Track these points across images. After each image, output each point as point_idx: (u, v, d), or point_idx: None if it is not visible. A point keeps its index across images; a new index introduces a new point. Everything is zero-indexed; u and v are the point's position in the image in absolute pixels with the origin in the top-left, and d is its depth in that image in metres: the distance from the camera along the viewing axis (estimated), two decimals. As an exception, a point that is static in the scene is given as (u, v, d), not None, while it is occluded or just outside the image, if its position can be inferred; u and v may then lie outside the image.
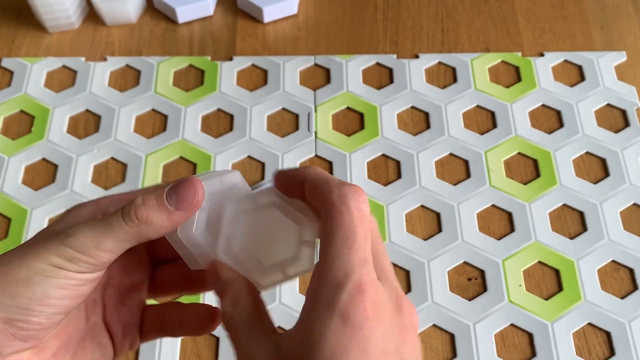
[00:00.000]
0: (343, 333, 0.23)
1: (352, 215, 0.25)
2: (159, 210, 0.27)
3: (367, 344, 0.23)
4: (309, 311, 0.24)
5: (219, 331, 0.48)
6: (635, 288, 0.50)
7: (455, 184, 0.56)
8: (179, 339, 0.48)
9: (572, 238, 0.53)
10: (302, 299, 0.46)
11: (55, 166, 0.57)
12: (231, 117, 0.60)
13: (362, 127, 0.59)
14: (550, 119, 0.60)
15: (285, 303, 0.50)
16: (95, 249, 0.26)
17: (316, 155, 0.57)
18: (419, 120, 0.60)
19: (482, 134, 0.59)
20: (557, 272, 0.51)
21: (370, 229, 0.26)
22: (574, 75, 0.63)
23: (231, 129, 0.59)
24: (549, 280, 0.51)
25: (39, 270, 0.25)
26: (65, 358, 0.28)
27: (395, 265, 0.51)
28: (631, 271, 0.51)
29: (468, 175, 0.56)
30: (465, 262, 0.52)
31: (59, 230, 0.26)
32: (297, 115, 0.60)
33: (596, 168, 0.57)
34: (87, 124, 0.60)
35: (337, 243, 0.25)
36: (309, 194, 0.27)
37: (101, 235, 0.26)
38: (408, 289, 0.50)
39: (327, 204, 0.25)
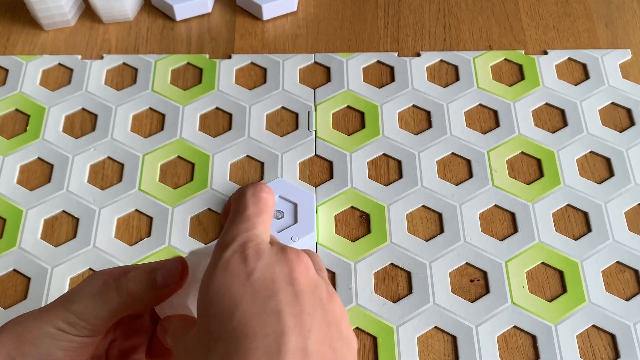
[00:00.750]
0: (225, 275, 0.27)
1: (246, 200, 0.30)
2: (147, 287, 0.31)
3: (249, 275, 0.27)
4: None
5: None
6: (640, 290, 0.51)
7: (457, 184, 0.56)
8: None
9: (576, 239, 0.53)
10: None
11: (51, 166, 0.57)
12: (230, 116, 0.60)
13: (362, 126, 0.59)
14: (554, 117, 0.60)
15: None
16: (92, 317, 0.30)
17: (316, 155, 0.57)
18: (420, 119, 0.60)
19: (484, 133, 0.59)
20: (561, 274, 0.51)
21: (268, 212, 0.30)
22: (578, 73, 0.63)
23: (230, 128, 0.59)
24: (553, 282, 0.51)
25: (47, 333, 0.30)
26: None
27: (396, 267, 0.51)
28: (636, 272, 0.51)
29: (470, 175, 0.56)
30: (467, 264, 0.52)
31: (69, 296, 0.31)
32: (296, 114, 0.60)
33: (601, 168, 0.57)
34: (83, 123, 0.60)
35: (229, 221, 0.30)
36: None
37: (98, 305, 0.30)
38: (409, 290, 0.50)
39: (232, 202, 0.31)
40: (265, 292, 0.26)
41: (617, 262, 0.52)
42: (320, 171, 0.57)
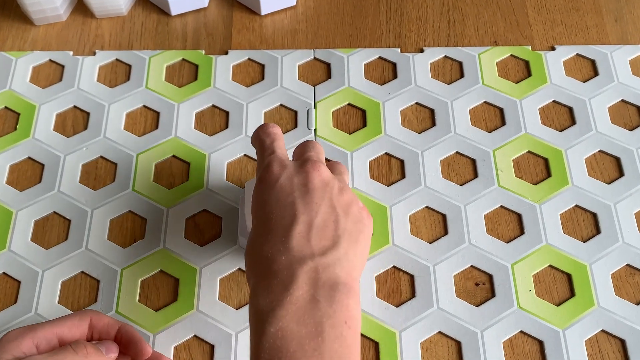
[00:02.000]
0: (260, 187, 0.43)
1: (260, 136, 0.46)
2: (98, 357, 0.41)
3: (275, 183, 0.42)
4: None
5: (214, 338, 0.48)
6: (651, 293, 0.51)
7: (462, 184, 0.56)
8: (171, 347, 0.48)
9: (584, 241, 0.53)
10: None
11: (42, 166, 0.57)
12: (226, 113, 0.60)
13: (364, 124, 0.59)
14: (562, 115, 0.60)
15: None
16: None
17: (316, 154, 0.57)
18: (424, 117, 0.60)
19: (490, 131, 0.59)
20: (569, 277, 0.51)
21: (279, 138, 0.46)
22: (587, 69, 0.63)
23: (226, 126, 0.59)
24: (561, 285, 0.51)
25: None
26: None
27: (399, 270, 0.52)
28: (647, 276, 0.51)
29: (475, 175, 0.56)
30: (472, 266, 0.52)
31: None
32: (295, 112, 0.60)
33: (610, 167, 0.57)
34: (75, 121, 0.60)
35: (257, 156, 0.46)
36: None
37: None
38: (412, 294, 0.50)
39: None
40: (285, 193, 0.41)
41: (627, 265, 0.52)
42: (320, 171, 0.57)
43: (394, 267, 0.52)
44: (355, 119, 0.60)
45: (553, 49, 0.64)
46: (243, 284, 0.51)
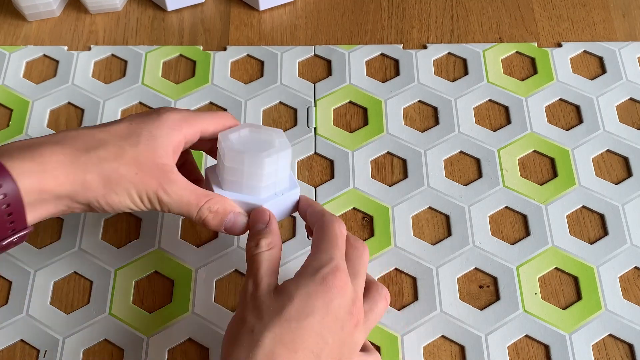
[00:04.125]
0: (318, 288, 0.39)
1: (337, 231, 0.43)
2: (217, 223, 0.44)
3: (330, 302, 0.39)
4: (297, 275, 0.41)
5: (210, 341, 0.48)
6: (660, 297, 0.50)
7: (465, 185, 0.56)
8: (166, 350, 0.48)
9: (591, 243, 0.53)
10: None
11: (34, 164, 0.57)
12: (224, 111, 0.60)
13: (365, 122, 0.59)
14: (569, 114, 0.60)
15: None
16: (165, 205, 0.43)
17: (316, 153, 0.57)
18: (427, 116, 0.60)
19: (495, 130, 0.59)
20: (575, 280, 0.51)
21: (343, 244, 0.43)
22: (594, 67, 0.63)
23: (224, 124, 0.59)
24: (567, 288, 0.51)
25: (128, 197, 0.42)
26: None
27: (401, 272, 0.51)
28: (656, 278, 0.51)
29: (480, 175, 0.56)
30: (476, 269, 0.52)
31: (168, 183, 0.42)
32: (295, 110, 0.60)
33: (618, 167, 0.57)
34: (69, 118, 0.60)
35: (325, 243, 0.42)
36: (308, 214, 0.45)
37: (180, 206, 0.43)
38: (415, 297, 0.50)
39: (321, 219, 0.44)
40: (334, 317, 0.39)
41: (635, 267, 0.52)
42: (320, 170, 0.57)
43: (395, 269, 0.52)
44: (356, 117, 0.60)
45: (559, 45, 0.64)
46: (240, 285, 0.51)
